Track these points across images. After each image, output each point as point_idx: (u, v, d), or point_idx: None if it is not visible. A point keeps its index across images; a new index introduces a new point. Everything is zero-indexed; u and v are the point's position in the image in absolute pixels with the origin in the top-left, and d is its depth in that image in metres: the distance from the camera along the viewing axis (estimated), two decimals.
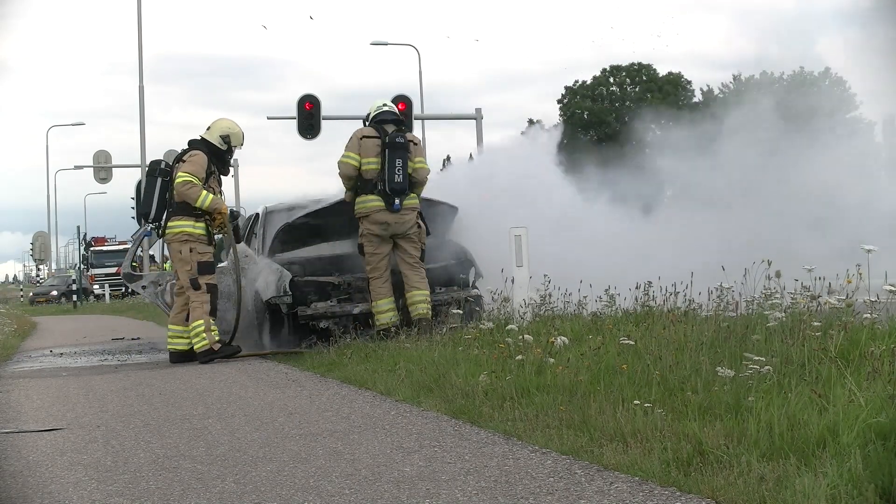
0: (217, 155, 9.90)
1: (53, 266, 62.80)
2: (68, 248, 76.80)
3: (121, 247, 43.92)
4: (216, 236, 10.02)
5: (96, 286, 43.79)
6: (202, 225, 9.70)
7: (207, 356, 9.56)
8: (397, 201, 9.62)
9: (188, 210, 9.66)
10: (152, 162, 10.11)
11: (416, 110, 25.46)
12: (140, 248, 19.19)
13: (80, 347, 13.49)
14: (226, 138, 9.96)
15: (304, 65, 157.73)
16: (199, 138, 9.98)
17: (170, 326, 9.97)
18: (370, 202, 9.63)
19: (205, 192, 9.63)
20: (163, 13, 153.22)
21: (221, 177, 10.08)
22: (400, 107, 23.29)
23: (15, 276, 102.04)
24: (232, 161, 10.67)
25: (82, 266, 47.38)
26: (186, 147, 9.97)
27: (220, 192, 10.01)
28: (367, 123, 9.91)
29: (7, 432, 6.01)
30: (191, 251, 9.64)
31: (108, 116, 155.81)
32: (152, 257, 31.30)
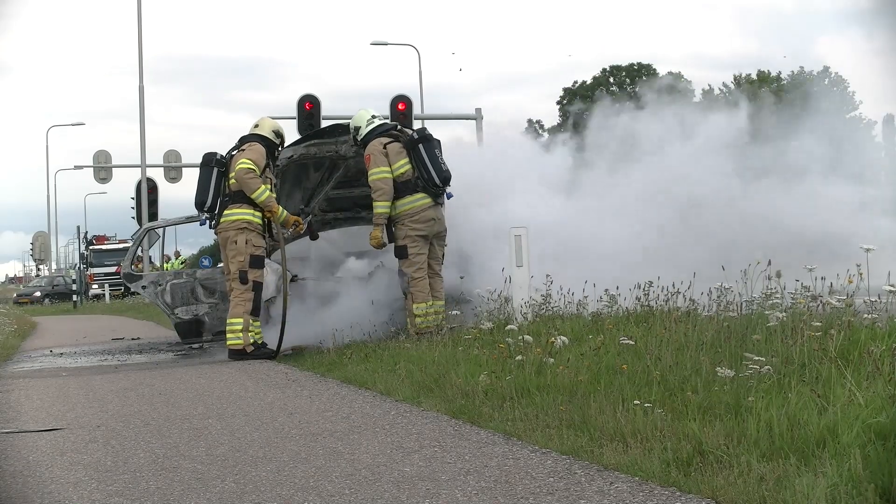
0: (270, 150, 9.91)
1: (54, 266, 62.71)
2: (68, 248, 76.73)
3: (120, 245, 43.76)
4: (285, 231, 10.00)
5: (95, 285, 43.50)
6: (260, 214, 9.66)
7: (239, 356, 9.49)
8: (449, 189, 9.70)
9: (247, 198, 9.60)
10: (207, 154, 10.00)
11: (416, 110, 25.44)
12: (140, 248, 19.18)
13: (80, 347, 13.49)
14: (278, 133, 10.02)
15: (304, 65, 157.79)
16: (254, 134, 9.93)
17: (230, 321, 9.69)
18: (418, 200, 9.57)
19: (263, 186, 9.59)
20: (164, 14, 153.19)
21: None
22: (400, 106, 23.37)
23: (15, 275, 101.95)
24: None
25: (82, 265, 47.21)
26: (239, 142, 9.92)
27: (275, 185, 9.99)
28: (360, 138, 9.87)
29: (7, 432, 6.02)
30: (246, 242, 9.56)
31: (108, 116, 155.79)
32: (151, 258, 31.21)
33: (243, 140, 9.91)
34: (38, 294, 47.95)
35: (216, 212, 9.78)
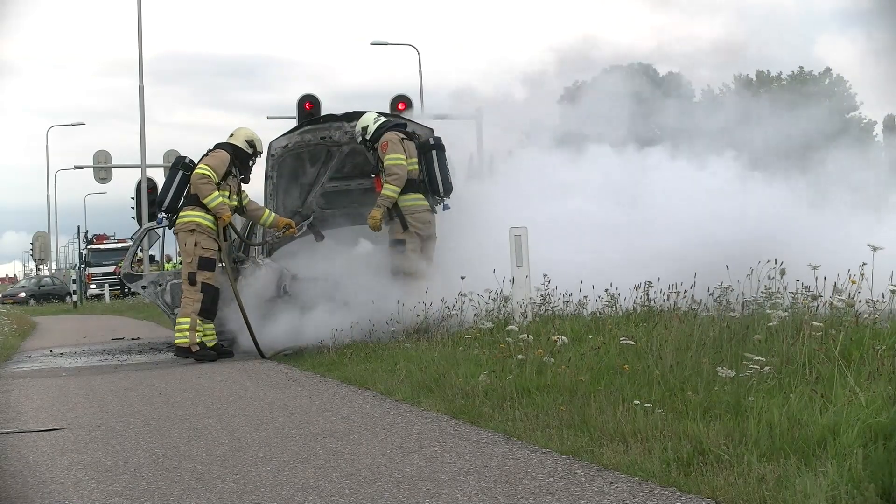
0: (241, 159, 10.12)
1: (54, 266, 62.61)
2: (68, 248, 76.59)
3: (119, 245, 43.58)
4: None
5: (93, 285, 43.28)
6: (211, 218, 9.82)
7: (184, 354, 9.75)
8: (447, 201, 9.91)
9: (199, 201, 9.81)
10: (177, 156, 10.42)
11: (416, 110, 25.43)
12: (140, 248, 19.17)
13: (80, 347, 13.49)
14: (251, 143, 10.21)
15: (304, 65, 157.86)
16: (225, 142, 10.18)
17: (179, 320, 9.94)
18: (418, 200, 9.79)
19: (216, 192, 9.78)
20: (164, 13, 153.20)
21: (242, 183, 10.22)
22: (400, 107, 23.36)
23: (15, 275, 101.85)
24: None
25: (81, 265, 47.01)
26: (212, 148, 10.17)
27: (238, 194, 10.12)
28: (369, 136, 9.96)
29: (7, 432, 6.01)
30: (195, 244, 9.76)
31: (108, 116, 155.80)
32: (153, 257, 31.19)
33: (216, 147, 10.15)
34: (22, 295, 47.15)
35: (174, 213, 10.06)
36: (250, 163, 10.26)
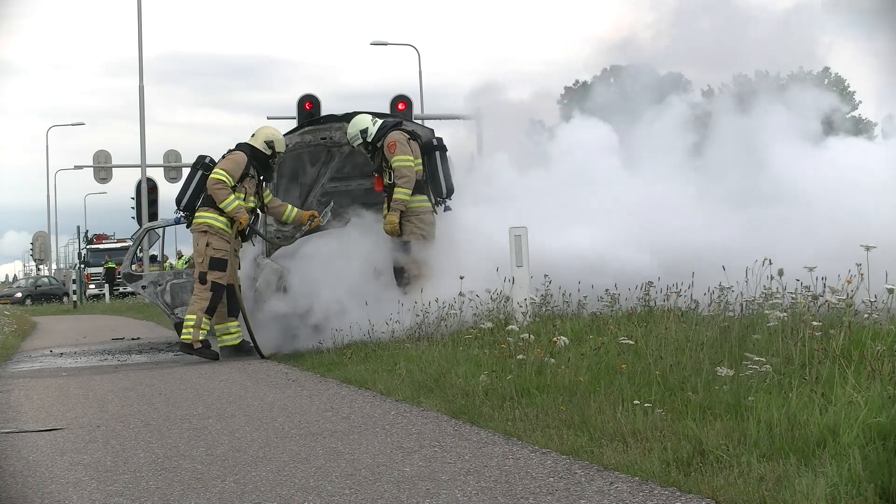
0: (260, 160, 10.11)
1: (54, 266, 62.59)
2: (68, 248, 76.55)
3: (118, 245, 43.54)
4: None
5: (92, 285, 43.20)
6: (224, 220, 9.86)
7: (188, 350, 9.81)
8: (449, 202, 9.90)
9: (215, 203, 9.86)
10: (199, 156, 10.41)
11: (416, 110, 25.44)
12: (140, 249, 19.17)
13: (80, 347, 13.49)
14: (270, 143, 10.17)
15: (304, 65, 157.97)
16: (245, 143, 10.19)
17: (215, 326, 10.05)
18: (424, 202, 9.78)
19: (232, 196, 9.79)
20: (167, 13, 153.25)
21: (265, 182, 10.24)
22: (400, 107, 23.37)
23: (14, 275, 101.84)
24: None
25: (80, 265, 46.97)
26: (233, 148, 10.19)
27: (257, 195, 10.13)
28: (370, 138, 9.89)
29: (7, 432, 6.02)
30: (207, 245, 9.81)
31: (108, 116, 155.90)
32: (154, 257, 31.16)
33: (237, 147, 10.15)
34: (18, 295, 46.94)
35: (192, 213, 10.12)
36: (270, 162, 10.24)
